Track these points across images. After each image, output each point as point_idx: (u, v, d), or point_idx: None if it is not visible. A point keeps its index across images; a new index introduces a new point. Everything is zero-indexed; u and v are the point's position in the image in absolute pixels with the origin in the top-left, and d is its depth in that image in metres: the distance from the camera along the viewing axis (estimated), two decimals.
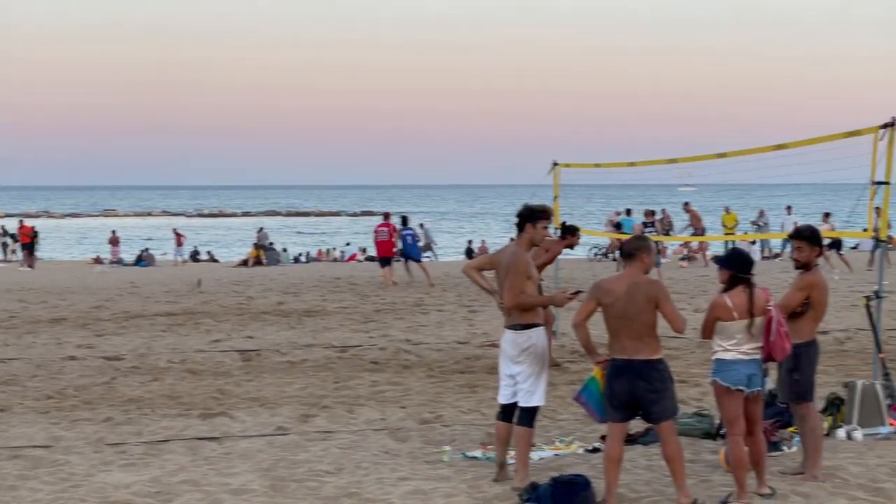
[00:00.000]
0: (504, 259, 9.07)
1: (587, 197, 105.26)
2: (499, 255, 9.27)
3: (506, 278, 8.94)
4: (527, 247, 9.12)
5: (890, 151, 11.61)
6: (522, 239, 9.13)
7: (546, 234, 9.39)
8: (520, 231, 9.18)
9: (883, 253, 12.36)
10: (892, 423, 10.76)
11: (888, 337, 17.19)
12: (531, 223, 9.11)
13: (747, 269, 8.39)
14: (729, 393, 8.29)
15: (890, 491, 8.57)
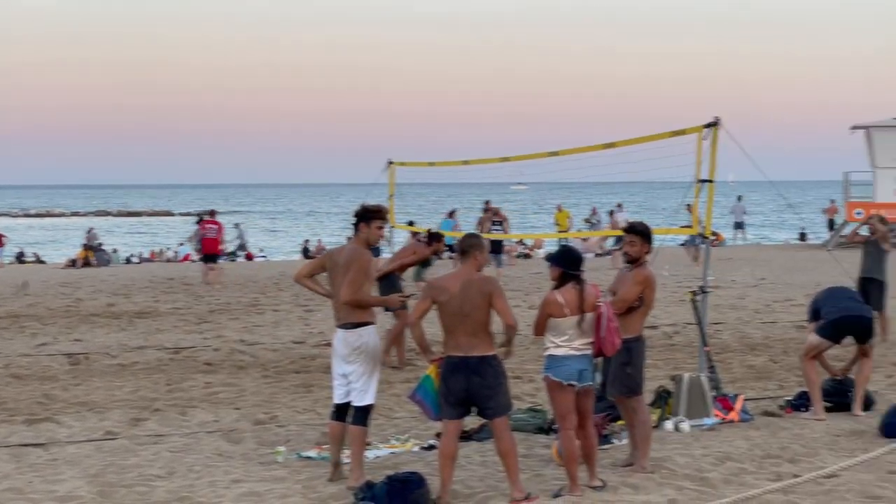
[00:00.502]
0: (342, 257, 9.00)
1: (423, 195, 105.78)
2: (334, 255, 9.20)
3: (345, 275, 8.88)
4: (363, 246, 9.09)
5: (714, 150, 11.95)
6: (359, 238, 9.09)
7: (381, 234, 9.38)
8: (356, 230, 9.15)
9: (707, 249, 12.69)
10: (717, 415, 11.09)
11: (714, 331, 17.75)
12: (365, 223, 9.08)
13: (577, 267, 8.52)
14: (561, 388, 8.41)
15: (714, 480, 8.82)
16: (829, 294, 11.93)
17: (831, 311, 11.54)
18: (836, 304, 11.63)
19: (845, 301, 11.72)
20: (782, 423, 11.11)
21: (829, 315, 11.51)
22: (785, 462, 9.48)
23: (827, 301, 11.73)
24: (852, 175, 44.65)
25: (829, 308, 11.60)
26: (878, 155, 41.69)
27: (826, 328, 11.49)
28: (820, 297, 11.95)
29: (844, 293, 12.04)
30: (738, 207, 48.53)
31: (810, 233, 52.29)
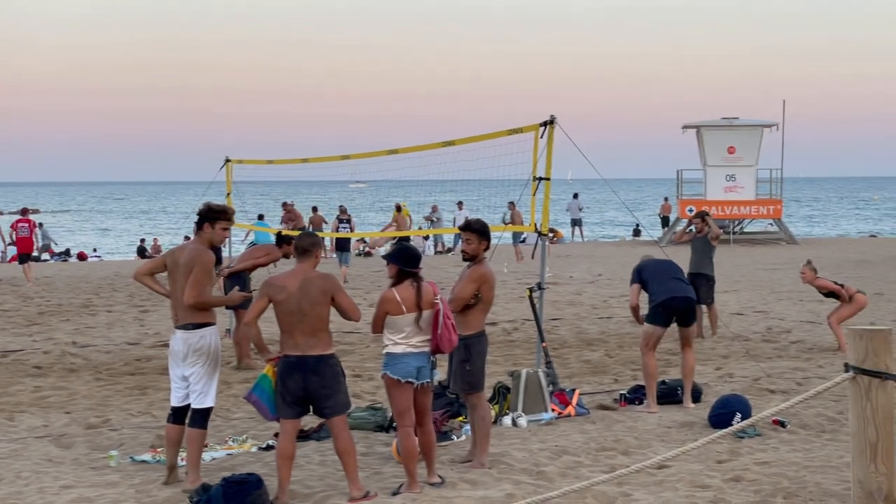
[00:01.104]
0: (183, 257, 8.82)
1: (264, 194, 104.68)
2: (175, 254, 9.01)
3: (186, 275, 8.70)
4: (206, 246, 8.92)
5: (550, 148, 12.12)
6: (202, 238, 8.92)
7: (225, 235, 9.23)
8: (198, 230, 8.98)
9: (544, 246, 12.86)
10: (554, 409, 11.25)
11: (551, 326, 18.04)
12: (210, 223, 8.92)
13: (414, 264, 8.52)
14: (399, 385, 8.40)
15: (551, 473, 8.94)
16: (656, 269, 12.01)
17: (657, 294, 11.74)
18: (662, 284, 11.79)
19: (670, 281, 11.85)
20: (617, 417, 11.33)
21: (656, 298, 11.74)
22: (619, 454, 9.67)
23: (653, 277, 11.86)
24: (685, 173, 45.92)
25: (654, 289, 11.78)
26: (708, 154, 42.97)
27: (655, 314, 11.74)
28: (646, 267, 12.07)
29: (669, 271, 12.07)
30: (573, 205, 49.41)
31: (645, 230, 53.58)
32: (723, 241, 42.22)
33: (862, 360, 3.96)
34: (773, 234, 44.51)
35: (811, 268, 16.01)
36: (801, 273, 16.23)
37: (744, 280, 26.92)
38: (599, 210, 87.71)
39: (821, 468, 9.01)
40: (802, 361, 14.80)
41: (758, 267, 31.42)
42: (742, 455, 9.61)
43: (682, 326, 11.86)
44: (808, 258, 17.20)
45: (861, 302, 15.76)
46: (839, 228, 69.33)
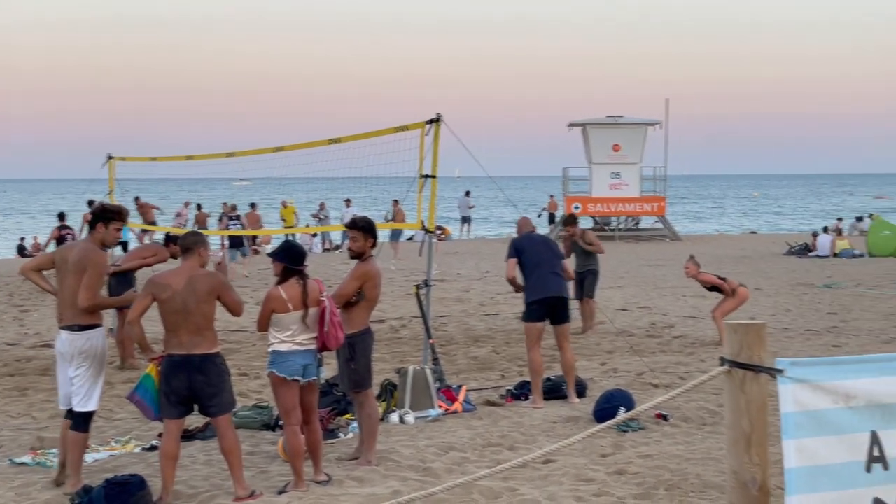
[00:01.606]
0: (73, 256, 8.64)
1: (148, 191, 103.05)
2: (64, 252, 8.83)
3: (75, 274, 8.53)
4: (98, 246, 8.75)
5: (436, 146, 12.16)
6: (94, 238, 8.75)
7: (118, 236, 9.07)
8: (91, 229, 8.81)
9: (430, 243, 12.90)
10: (441, 406, 11.29)
11: (438, 324, 18.10)
12: (104, 223, 8.75)
13: (300, 262, 8.49)
14: (285, 383, 8.36)
15: (437, 470, 8.98)
16: (533, 253, 11.88)
17: (531, 291, 11.81)
18: (537, 279, 11.77)
19: (544, 276, 11.80)
20: (503, 412, 11.42)
21: (530, 296, 11.83)
22: (505, 450, 9.75)
23: (530, 265, 11.79)
24: (571, 170, 46.46)
25: (529, 282, 11.82)
26: (593, 151, 43.54)
27: (530, 311, 11.86)
28: (523, 244, 11.98)
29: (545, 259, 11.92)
30: (463, 202, 49.68)
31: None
32: (607, 238, 42.90)
33: (736, 354, 4.06)
34: (658, 230, 45.28)
35: (694, 262, 16.34)
36: (684, 268, 16.54)
37: (628, 276, 27.34)
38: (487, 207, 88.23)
39: (702, 460, 9.20)
40: (685, 356, 15.09)
41: (642, 263, 31.94)
42: (626, 449, 9.76)
43: (556, 324, 11.94)
44: (691, 254, 17.54)
45: (743, 295, 16.12)
46: (721, 225, 70.77)
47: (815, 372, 3.97)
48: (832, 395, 3.94)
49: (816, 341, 16.24)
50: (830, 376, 3.97)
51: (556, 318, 11.91)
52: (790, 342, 16.11)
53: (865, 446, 3.93)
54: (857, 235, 42.64)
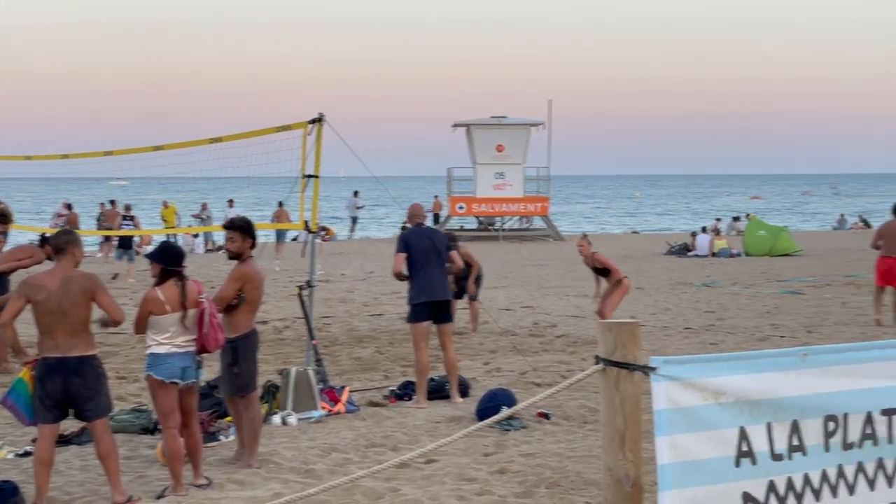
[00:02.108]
0: None
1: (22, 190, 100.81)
2: None
3: None
4: None
5: (318, 146, 12.11)
6: None
7: (2, 241, 8.82)
8: None
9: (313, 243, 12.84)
10: (324, 407, 11.24)
11: (323, 324, 18.01)
12: None
13: (177, 263, 8.37)
14: (164, 386, 8.24)
15: (320, 471, 8.94)
16: (420, 250, 11.86)
17: (416, 293, 11.84)
18: (422, 279, 11.79)
19: (430, 277, 11.81)
20: (386, 413, 11.42)
21: (414, 298, 11.86)
22: (388, 450, 9.74)
23: (416, 264, 11.81)
24: (455, 171, 46.67)
25: (414, 282, 11.85)
26: (477, 152, 43.80)
27: (414, 312, 11.89)
28: (411, 239, 11.94)
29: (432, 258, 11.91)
30: (352, 202, 49.63)
31: None
32: (491, 238, 43.20)
33: (611, 353, 4.11)
34: (541, 230, 45.72)
35: (588, 241, 16.41)
36: (578, 245, 16.55)
37: (512, 276, 27.54)
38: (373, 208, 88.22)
39: (582, 458, 9.31)
40: (567, 355, 15.26)
41: (525, 263, 32.22)
42: (508, 448, 9.83)
43: (439, 324, 12.00)
44: (584, 233, 17.65)
45: (627, 286, 16.34)
46: (604, 225, 71.74)
47: (687, 370, 4.04)
48: (703, 392, 4.02)
49: (694, 339, 16.55)
50: (701, 374, 4.04)
51: (439, 317, 11.95)
52: (669, 340, 16.40)
53: (734, 442, 4.01)
54: (734, 235, 43.61)
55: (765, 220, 43.42)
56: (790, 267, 29.94)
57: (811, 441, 4.12)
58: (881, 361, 4.32)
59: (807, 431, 4.11)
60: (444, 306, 11.96)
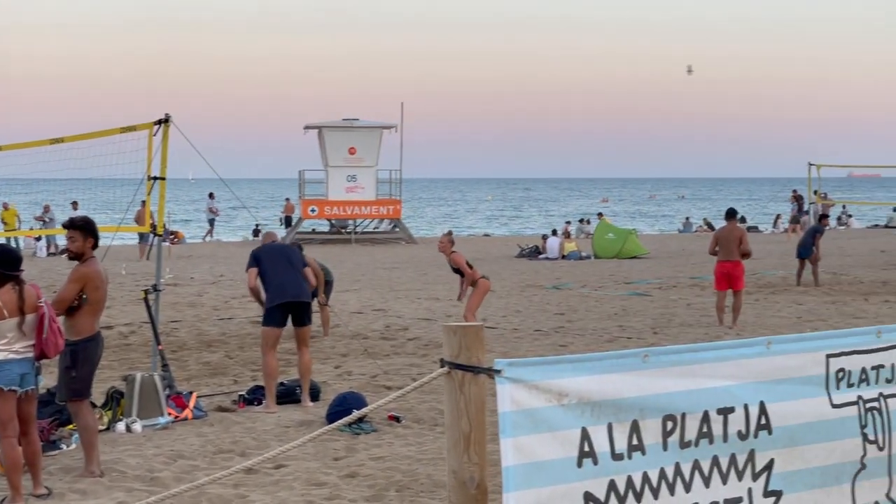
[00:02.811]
0: None
1: None
2: None
3: None
4: None
5: (165, 147, 11.90)
6: None
7: None
8: None
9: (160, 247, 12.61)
10: (170, 413, 11.04)
11: (170, 329, 17.69)
12: None
13: (14, 266, 8.12)
14: (1, 394, 7.98)
15: (165, 479, 8.77)
16: (273, 257, 11.92)
17: (272, 296, 11.79)
18: (278, 284, 11.78)
19: (286, 281, 11.84)
20: (235, 418, 11.28)
21: (271, 300, 11.79)
22: (236, 456, 9.62)
23: (270, 268, 11.80)
24: (307, 173, 46.43)
25: (270, 288, 11.80)
26: (329, 154, 43.64)
27: (269, 315, 11.81)
28: (263, 253, 11.96)
29: (286, 260, 12.00)
30: (209, 205, 49.04)
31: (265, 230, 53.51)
32: (344, 241, 43.09)
33: (456, 355, 4.11)
34: (393, 233, 45.78)
35: (450, 239, 16.45)
36: (439, 242, 16.64)
37: (364, 279, 27.51)
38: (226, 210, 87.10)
39: (432, 460, 9.34)
40: (419, 358, 15.29)
41: (378, 266, 32.22)
42: (358, 451, 9.80)
43: (298, 326, 11.97)
44: (448, 230, 17.67)
45: (485, 286, 16.45)
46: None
47: (531, 372, 4.07)
48: (547, 393, 4.05)
49: (544, 341, 16.77)
50: (545, 376, 4.07)
51: (297, 320, 11.90)
52: (519, 342, 16.58)
53: (577, 442, 4.06)
54: (583, 238, 44.37)
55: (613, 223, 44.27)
56: (637, 269, 30.60)
57: (650, 440, 4.19)
58: (718, 362, 4.42)
59: (646, 431, 4.18)
60: (302, 308, 11.91)
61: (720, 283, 18.41)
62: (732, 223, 18.97)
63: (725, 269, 18.25)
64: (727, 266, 18.22)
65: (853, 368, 4.72)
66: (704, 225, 56.84)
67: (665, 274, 28.67)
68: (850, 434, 4.69)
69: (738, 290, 18.24)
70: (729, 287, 18.28)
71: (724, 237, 18.54)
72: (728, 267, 18.21)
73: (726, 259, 18.26)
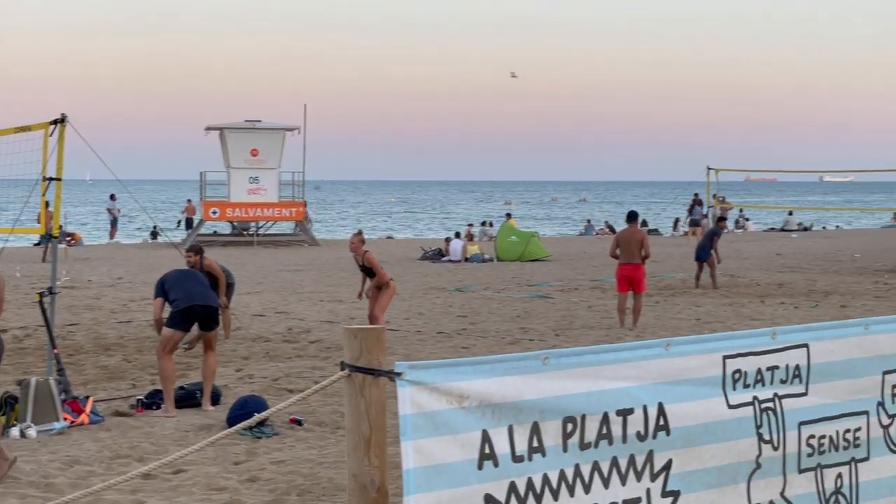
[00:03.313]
0: None
1: None
2: None
3: None
4: None
5: (60, 148, 11.68)
6: None
7: None
8: None
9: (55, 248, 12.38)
10: (66, 418, 10.83)
11: (66, 332, 17.36)
12: None
13: None
14: None
15: (61, 485, 8.60)
16: (179, 277, 12.12)
17: (179, 301, 11.72)
18: (184, 291, 11.80)
19: (192, 287, 11.92)
20: (133, 423, 11.10)
21: (177, 304, 11.71)
22: (134, 461, 9.46)
23: (175, 286, 11.89)
24: (209, 175, 45.98)
25: (176, 296, 11.76)
26: (231, 156, 43.25)
27: (174, 318, 11.70)
28: (169, 278, 12.11)
29: (193, 277, 12.28)
30: (111, 206, 48.33)
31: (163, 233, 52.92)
32: (246, 243, 42.72)
33: (356, 358, 4.09)
34: (296, 235, 45.51)
35: (361, 239, 16.40)
36: (350, 241, 16.62)
37: (266, 282, 27.30)
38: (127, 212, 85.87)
39: (334, 464, 9.29)
40: (321, 360, 15.21)
41: (280, 268, 32.00)
42: (259, 455, 9.71)
43: (205, 331, 11.90)
44: (359, 229, 17.58)
45: (394, 288, 16.49)
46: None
47: (432, 374, 4.06)
48: (447, 396, 4.05)
49: (447, 343, 16.80)
50: (446, 378, 4.07)
51: (203, 325, 11.88)
52: (422, 345, 16.58)
53: (477, 445, 4.06)
54: (486, 241, 44.56)
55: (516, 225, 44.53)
56: (540, 271, 30.82)
57: (550, 442, 4.21)
58: (618, 364, 4.46)
59: (546, 433, 4.20)
60: (209, 312, 11.85)
61: (621, 286, 18.60)
62: (633, 226, 19.14)
63: (626, 272, 18.44)
64: (628, 269, 18.42)
65: (749, 369, 4.79)
66: (606, 227, 57.49)
67: (567, 276, 28.92)
68: (745, 434, 4.76)
69: (638, 293, 18.44)
70: (630, 289, 18.48)
71: (626, 240, 18.74)
72: (629, 270, 18.41)
73: (627, 262, 18.46)
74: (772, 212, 74.98)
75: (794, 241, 46.77)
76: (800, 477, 4.93)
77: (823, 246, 41.98)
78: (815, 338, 5.02)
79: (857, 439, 5.12)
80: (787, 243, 44.20)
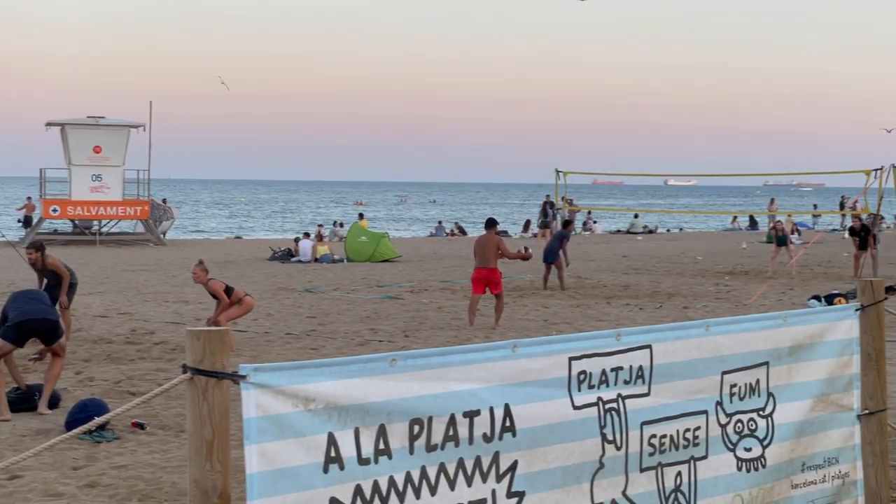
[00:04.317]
0: None
1: None
2: None
3: None
4: None
5: None
6: None
7: None
8: None
9: None
10: None
11: None
12: None
13: None
14: None
15: None
16: (16, 297, 12.01)
17: (16, 315, 11.50)
18: (21, 307, 11.62)
19: (30, 304, 11.75)
20: None
21: (14, 318, 11.47)
22: None
23: (13, 304, 11.74)
24: (49, 172, 44.77)
25: (14, 311, 11.58)
26: (72, 153, 42.18)
27: (9, 331, 11.44)
28: (8, 302, 11.99)
29: (30, 295, 12.21)
30: None
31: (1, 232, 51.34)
32: (89, 242, 41.72)
33: (199, 361, 4.01)
34: (141, 235, 44.62)
35: (203, 268, 15.86)
36: (192, 272, 16.05)
37: (109, 282, 26.68)
38: None
39: (177, 468, 9.10)
40: (165, 362, 14.91)
41: (124, 268, 31.33)
42: (99, 460, 9.47)
43: (48, 345, 11.76)
44: (200, 258, 17.01)
45: (249, 304, 16.12)
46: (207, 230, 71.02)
47: (277, 377, 4.01)
48: (293, 399, 4.00)
49: (296, 345, 16.64)
50: (291, 381, 4.02)
51: (44, 339, 11.74)
52: (270, 346, 16.40)
53: (323, 448, 4.02)
54: (336, 241, 44.39)
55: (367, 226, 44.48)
56: (390, 272, 30.82)
57: (397, 444, 4.19)
58: (465, 365, 4.46)
59: (393, 436, 4.18)
60: (48, 326, 11.59)
61: (477, 288, 18.86)
62: (491, 232, 19.52)
63: (482, 275, 18.80)
64: (484, 272, 18.80)
65: (594, 370, 4.85)
66: (456, 229, 57.84)
67: (417, 277, 28.98)
68: (590, 434, 4.82)
69: (497, 294, 18.77)
70: (485, 290, 18.75)
71: (482, 245, 19.09)
72: (485, 273, 18.79)
73: (483, 266, 18.84)
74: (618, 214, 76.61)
75: (639, 243, 47.78)
76: (641, 476, 5.01)
77: (667, 248, 43.00)
78: (657, 339, 5.12)
79: (697, 438, 5.24)
80: (632, 245, 45.15)
